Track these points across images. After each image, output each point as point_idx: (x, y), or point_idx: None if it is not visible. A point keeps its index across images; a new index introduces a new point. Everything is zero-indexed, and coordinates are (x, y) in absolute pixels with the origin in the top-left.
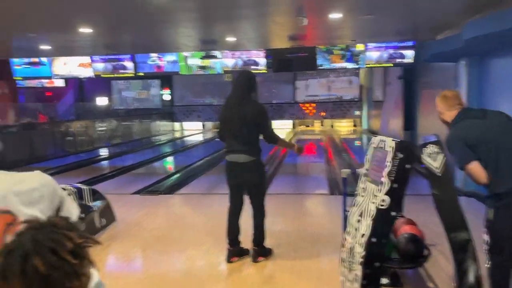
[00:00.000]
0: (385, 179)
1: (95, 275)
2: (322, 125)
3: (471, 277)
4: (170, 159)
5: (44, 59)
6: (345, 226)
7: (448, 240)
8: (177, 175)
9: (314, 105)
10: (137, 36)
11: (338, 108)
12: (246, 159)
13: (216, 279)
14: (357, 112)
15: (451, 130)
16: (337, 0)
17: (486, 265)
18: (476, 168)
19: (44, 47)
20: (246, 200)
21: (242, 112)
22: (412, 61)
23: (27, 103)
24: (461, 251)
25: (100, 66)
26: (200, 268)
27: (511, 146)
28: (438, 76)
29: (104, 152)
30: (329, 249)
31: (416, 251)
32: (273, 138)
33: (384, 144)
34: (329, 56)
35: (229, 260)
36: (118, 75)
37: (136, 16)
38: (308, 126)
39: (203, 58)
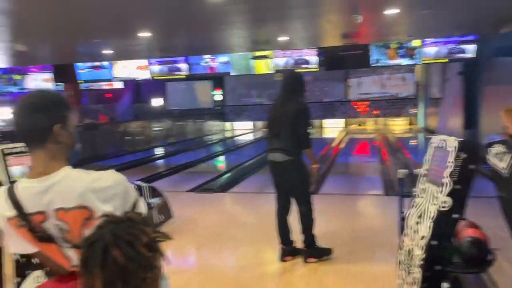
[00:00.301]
0: (446, 180)
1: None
2: (375, 123)
3: None
4: (221, 158)
5: (105, 63)
6: (401, 228)
7: None
8: (229, 174)
9: (367, 103)
10: (191, 38)
11: (392, 106)
12: (283, 158)
13: (269, 277)
14: (413, 110)
15: None
16: None
17: None
18: None
19: (106, 51)
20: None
21: (283, 111)
22: (474, 56)
23: (89, 105)
24: None
25: (156, 68)
26: (253, 266)
27: None
28: (502, 72)
29: (160, 151)
30: (384, 252)
31: (480, 255)
32: (304, 140)
33: (445, 144)
34: (386, 51)
35: (282, 259)
36: (172, 77)
37: (191, 19)
38: (360, 125)
39: (254, 58)
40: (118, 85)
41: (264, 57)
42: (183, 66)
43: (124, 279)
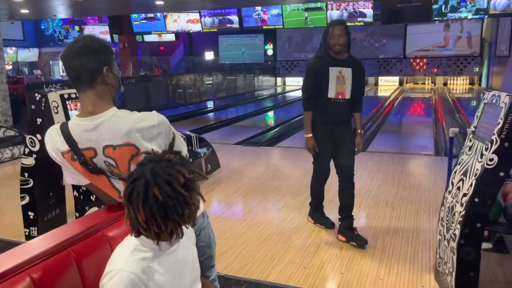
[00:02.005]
0: (495, 137)
1: (201, 206)
2: (433, 83)
3: None
4: (271, 113)
5: (158, 15)
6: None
7: None
8: (277, 128)
9: (425, 60)
10: None
11: (453, 64)
12: None
13: (309, 228)
14: (476, 69)
15: None
16: None
17: None
18: None
19: (159, 2)
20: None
21: None
22: None
23: (144, 57)
24: None
25: (207, 20)
26: (294, 216)
27: None
28: None
29: (210, 104)
30: (428, 210)
31: None
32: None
33: (498, 100)
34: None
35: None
36: (223, 28)
37: None
38: (417, 83)
39: (307, 10)
40: (171, 37)
41: (318, 9)
42: (234, 18)
43: (163, 214)
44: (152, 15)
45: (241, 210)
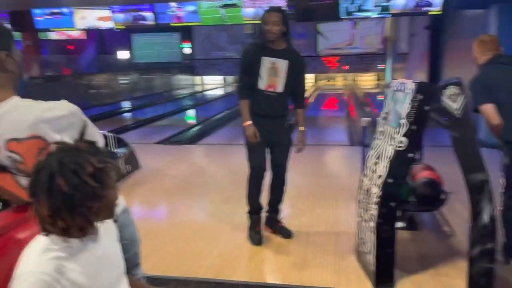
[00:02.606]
0: (403, 121)
1: (122, 202)
2: (344, 79)
3: (485, 217)
4: (190, 112)
5: (65, 10)
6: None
7: (466, 182)
8: (198, 126)
9: (337, 58)
10: None
11: (361, 61)
12: None
13: (237, 221)
14: (381, 66)
15: (476, 73)
16: None
17: (499, 207)
18: (488, 109)
19: None
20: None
21: None
22: (440, 10)
23: (51, 56)
24: (478, 191)
25: (119, 17)
26: (221, 211)
27: None
28: (466, 26)
29: (126, 104)
30: (347, 195)
31: (434, 194)
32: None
33: (404, 86)
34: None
35: None
36: (137, 26)
37: None
38: (329, 80)
39: (223, 7)
40: (80, 35)
41: (233, 5)
42: (149, 15)
43: (70, 207)
44: (57, 10)
45: (165, 209)
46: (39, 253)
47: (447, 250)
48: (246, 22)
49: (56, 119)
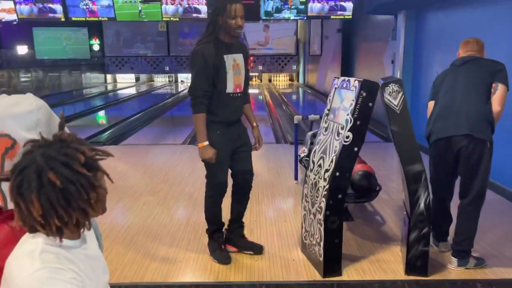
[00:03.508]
0: (349, 117)
1: None
2: (260, 79)
3: (422, 204)
4: (105, 111)
5: None
6: (296, 170)
7: (404, 173)
8: (117, 126)
9: (252, 58)
10: None
11: (275, 62)
12: None
13: (177, 222)
14: (294, 67)
15: None
16: None
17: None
18: (428, 106)
19: None
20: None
21: None
22: (351, 15)
23: None
24: (415, 181)
25: (25, 8)
26: (158, 213)
27: (455, 100)
28: (376, 30)
29: None
30: (283, 191)
31: (370, 186)
32: (191, 103)
33: (348, 84)
34: (282, 2)
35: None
36: (46, 18)
37: None
38: (255, 80)
39: (142, 2)
40: None
41: (154, 1)
42: (58, 7)
43: (65, 203)
44: None
45: None
46: (38, 254)
47: (382, 237)
48: (165, 19)
49: (23, 115)
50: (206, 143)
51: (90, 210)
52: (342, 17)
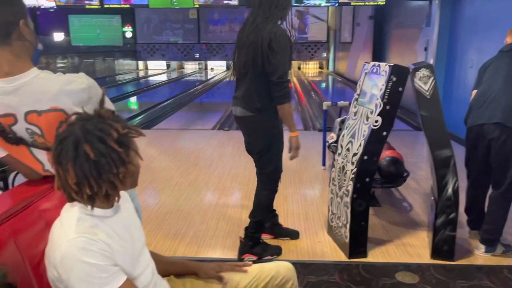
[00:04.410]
0: (378, 101)
1: None
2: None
3: (450, 189)
4: (136, 97)
5: None
6: (324, 156)
7: (432, 158)
8: (149, 112)
9: None
10: None
11: (305, 49)
12: (243, 113)
13: (207, 203)
14: (324, 54)
15: None
16: None
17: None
18: (472, 94)
19: None
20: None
21: (253, 40)
22: (384, 1)
23: None
24: (444, 166)
25: None
26: (189, 194)
27: (493, 87)
28: (409, 16)
29: None
30: (310, 176)
31: (398, 171)
32: (277, 90)
33: (378, 69)
34: None
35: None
36: (81, 6)
37: None
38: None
39: None
40: None
41: None
42: None
43: (96, 174)
44: None
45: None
46: (75, 222)
47: (408, 222)
48: (196, 5)
49: (76, 92)
50: (297, 132)
51: (119, 184)
52: (375, 3)
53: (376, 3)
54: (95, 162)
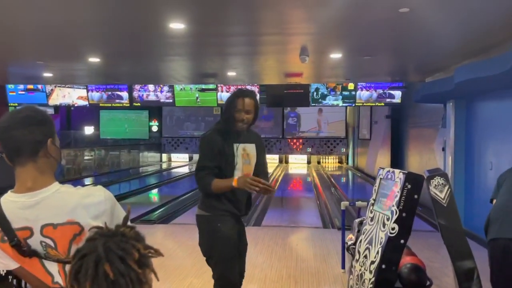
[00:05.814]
0: (394, 208)
1: None
2: (308, 162)
3: None
4: (158, 189)
5: (39, 86)
6: (344, 258)
7: (454, 269)
8: (169, 205)
9: (301, 140)
10: (136, 66)
11: (324, 144)
12: (197, 211)
13: None
14: (343, 150)
15: None
16: (340, 42)
17: None
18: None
19: (47, 74)
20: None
21: None
22: (400, 102)
23: None
24: (467, 279)
25: (95, 95)
26: None
27: (510, 201)
28: (425, 116)
29: (91, 180)
30: (329, 279)
31: (419, 280)
32: (196, 182)
33: (393, 175)
34: (326, 90)
35: None
36: (113, 104)
37: (144, 47)
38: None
39: (201, 90)
40: (49, 110)
41: (210, 89)
42: (124, 94)
43: None
44: (32, 86)
45: None
46: None
47: None
48: (220, 104)
49: (94, 205)
50: (234, 179)
51: None
52: (391, 104)
53: (391, 103)
54: (113, 282)
